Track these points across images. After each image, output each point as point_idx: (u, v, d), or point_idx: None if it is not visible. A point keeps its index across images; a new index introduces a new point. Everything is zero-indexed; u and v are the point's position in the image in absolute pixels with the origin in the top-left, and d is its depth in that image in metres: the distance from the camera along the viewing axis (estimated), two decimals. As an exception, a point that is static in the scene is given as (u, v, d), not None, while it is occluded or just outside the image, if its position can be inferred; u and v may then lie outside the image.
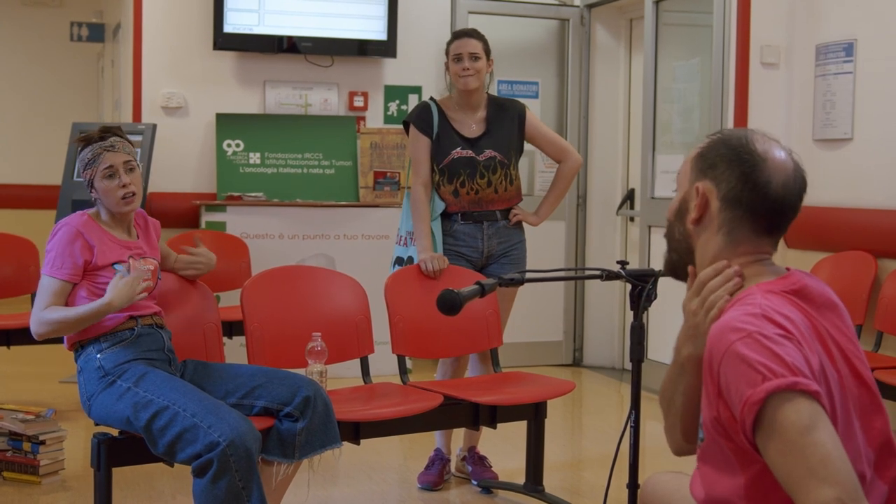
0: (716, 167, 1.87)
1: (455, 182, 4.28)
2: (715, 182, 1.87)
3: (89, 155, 3.42)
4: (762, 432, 1.64)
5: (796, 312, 1.76)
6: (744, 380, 1.65)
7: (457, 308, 2.65)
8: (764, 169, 1.86)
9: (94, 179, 3.40)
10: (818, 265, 5.34)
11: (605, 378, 6.87)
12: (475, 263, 4.35)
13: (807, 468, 1.59)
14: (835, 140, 5.41)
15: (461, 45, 4.29)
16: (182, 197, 6.51)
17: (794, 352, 1.66)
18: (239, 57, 6.69)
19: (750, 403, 1.63)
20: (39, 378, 6.26)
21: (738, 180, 1.85)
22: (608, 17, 7.13)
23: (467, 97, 4.33)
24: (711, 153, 1.89)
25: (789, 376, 1.62)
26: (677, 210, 1.93)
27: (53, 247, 3.35)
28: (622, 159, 7.16)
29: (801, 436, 1.60)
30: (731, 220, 1.87)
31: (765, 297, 1.77)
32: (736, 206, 1.86)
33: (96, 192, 3.43)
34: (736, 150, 1.87)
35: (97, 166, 3.39)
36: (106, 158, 3.39)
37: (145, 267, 3.38)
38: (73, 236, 3.33)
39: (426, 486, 4.33)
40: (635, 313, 2.54)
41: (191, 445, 3.05)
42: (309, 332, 3.68)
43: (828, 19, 5.46)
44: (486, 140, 4.32)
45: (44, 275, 3.35)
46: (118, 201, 3.41)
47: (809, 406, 1.61)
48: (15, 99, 10.06)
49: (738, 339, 1.68)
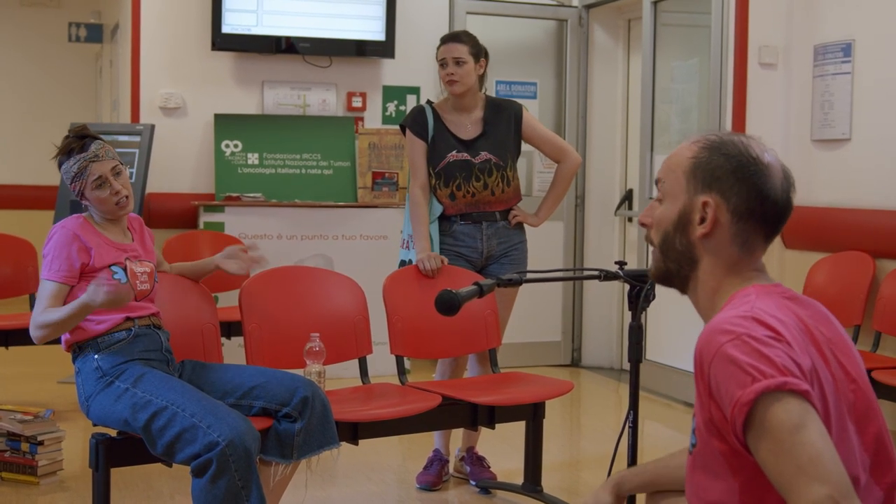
0: (721, 180, 1.85)
1: (451, 185, 4.28)
2: (723, 195, 1.85)
3: (75, 169, 3.40)
4: (753, 433, 1.65)
5: (789, 314, 1.76)
6: (733, 381, 1.65)
7: (455, 308, 2.65)
8: (769, 176, 1.86)
9: (85, 190, 3.40)
10: (816, 265, 5.34)
11: (603, 378, 6.88)
12: (475, 264, 4.35)
13: (797, 467, 1.59)
14: (833, 140, 5.41)
15: (445, 49, 4.28)
16: (180, 197, 6.51)
17: (783, 353, 1.66)
18: (237, 57, 6.69)
19: (740, 405, 1.64)
20: (38, 378, 6.26)
21: (749, 193, 1.84)
22: (606, 17, 7.14)
23: (459, 99, 4.32)
24: (711, 164, 1.87)
25: (779, 377, 1.63)
26: (677, 222, 1.91)
27: (50, 250, 3.35)
28: (620, 160, 7.16)
29: (790, 435, 1.60)
30: (744, 232, 1.86)
31: (759, 298, 1.77)
32: (749, 218, 1.85)
33: (88, 202, 3.43)
34: (738, 160, 1.86)
35: (86, 179, 3.38)
36: (93, 170, 3.38)
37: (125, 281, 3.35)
38: (70, 239, 3.33)
39: (425, 487, 4.33)
40: (634, 314, 2.54)
41: (190, 445, 3.04)
42: (307, 332, 3.68)
43: (826, 20, 5.47)
44: (482, 142, 4.31)
45: (42, 279, 3.35)
46: (113, 208, 3.41)
47: (799, 405, 1.62)
48: (13, 99, 10.05)
49: (727, 342, 1.68)
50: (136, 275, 3.42)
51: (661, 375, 6.14)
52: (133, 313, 3.39)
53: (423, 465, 4.41)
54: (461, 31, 4.53)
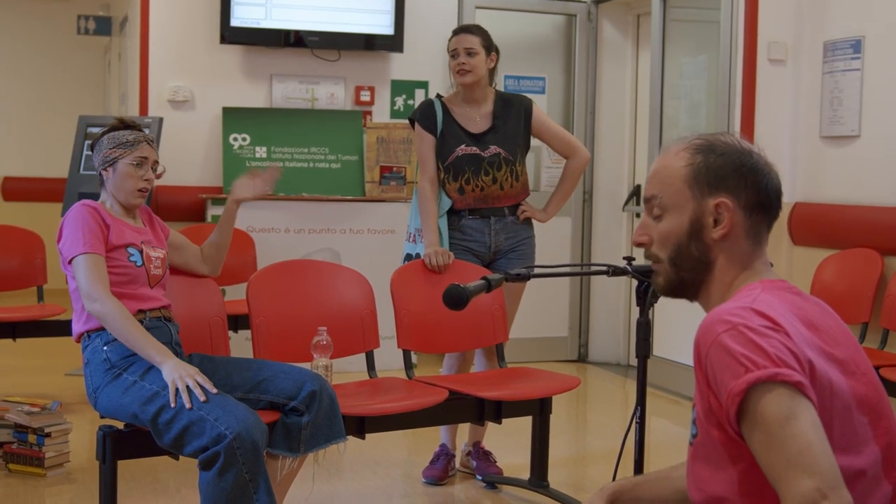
0: (726, 179, 1.87)
1: (460, 179, 4.30)
2: (732, 193, 1.87)
3: (130, 138, 3.43)
4: (746, 424, 1.66)
5: (792, 307, 1.77)
6: (728, 371, 1.67)
7: (463, 303, 2.65)
8: (764, 166, 1.90)
9: (120, 161, 3.41)
10: (824, 262, 5.33)
11: (610, 374, 6.87)
12: (483, 258, 4.36)
13: (786, 459, 1.60)
14: (842, 137, 5.39)
15: (457, 40, 4.29)
16: (188, 190, 6.51)
17: (780, 343, 1.67)
18: (246, 51, 6.69)
19: (732, 395, 1.65)
20: (45, 370, 6.27)
21: (755, 186, 1.87)
22: (615, 12, 7.12)
23: (469, 92, 4.33)
24: (712, 166, 1.88)
25: (771, 367, 1.63)
26: (690, 231, 1.91)
27: (71, 228, 3.30)
28: (629, 155, 7.15)
29: (780, 427, 1.61)
30: (756, 225, 1.89)
31: (764, 291, 1.79)
32: (758, 211, 1.88)
33: (111, 175, 3.43)
34: (737, 157, 1.88)
35: (133, 150, 3.42)
36: (143, 149, 3.45)
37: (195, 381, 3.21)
38: (88, 214, 3.33)
39: (431, 481, 4.33)
40: (641, 309, 2.54)
41: (197, 438, 3.04)
42: (314, 326, 3.68)
43: (835, 16, 5.45)
44: (491, 135, 4.33)
45: (76, 256, 3.26)
46: (132, 192, 3.43)
47: (790, 397, 1.63)
48: (22, 92, 10.07)
49: (723, 332, 1.69)
50: (151, 259, 3.44)
51: (669, 372, 6.13)
52: (145, 305, 3.39)
53: (429, 460, 4.42)
54: (473, 24, 4.53)
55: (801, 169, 5.57)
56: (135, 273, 3.38)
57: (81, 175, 6.12)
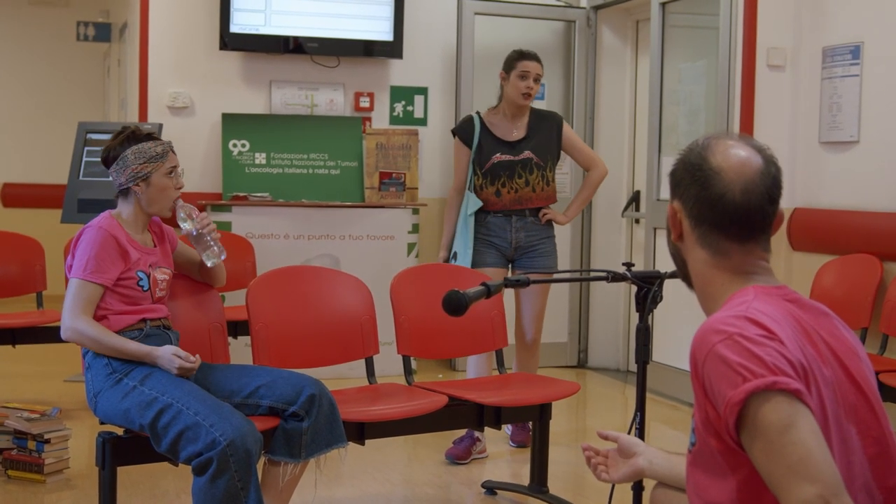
0: (679, 186, 1.92)
1: (497, 183, 4.76)
2: (682, 200, 1.90)
3: (158, 150, 3.43)
4: (745, 433, 1.66)
5: (786, 315, 1.77)
6: (725, 381, 1.67)
7: (462, 309, 2.65)
8: (717, 182, 1.84)
9: (154, 174, 3.41)
10: (824, 268, 5.33)
11: (609, 380, 6.87)
12: (506, 254, 4.80)
13: (787, 467, 1.60)
14: (841, 143, 5.40)
15: (532, 66, 4.76)
16: (187, 197, 6.38)
17: (775, 352, 1.67)
18: (245, 57, 6.70)
19: (731, 405, 1.65)
20: (45, 377, 6.27)
21: (695, 199, 1.88)
22: (614, 18, 7.13)
23: (519, 109, 4.81)
24: (677, 171, 1.94)
25: (769, 376, 1.63)
26: (666, 226, 1.98)
27: (86, 249, 3.31)
28: (628, 161, 7.15)
29: (780, 435, 1.61)
30: (704, 235, 1.89)
31: (757, 299, 1.78)
32: (701, 223, 1.89)
33: (145, 189, 3.42)
34: (690, 167, 1.90)
35: (164, 162, 3.42)
36: (172, 158, 3.47)
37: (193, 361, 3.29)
38: (108, 241, 3.32)
39: (451, 459, 4.45)
40: (641, 315, 2.54)
41: (192, 444, 3.05)
42: (314, 332, 3.69)
43: (834, 22, 5.46)
44: (525, 143, 4.80)
45: (76, 278, 3.30)
46: (168, 204, 3.45)
47: (789, 405, 1.63)
48: (21, 98, 10.07)
49: (719, 342, 1.69)
50: (158, 282, 3.46)
51: (669, 377, 6.13)
52: (147, 314, 3.42)
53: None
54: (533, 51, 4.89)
55: (800, 174, 5.57)
56: (140, 295, 3.41)
57: (81, 181, 6.12)
